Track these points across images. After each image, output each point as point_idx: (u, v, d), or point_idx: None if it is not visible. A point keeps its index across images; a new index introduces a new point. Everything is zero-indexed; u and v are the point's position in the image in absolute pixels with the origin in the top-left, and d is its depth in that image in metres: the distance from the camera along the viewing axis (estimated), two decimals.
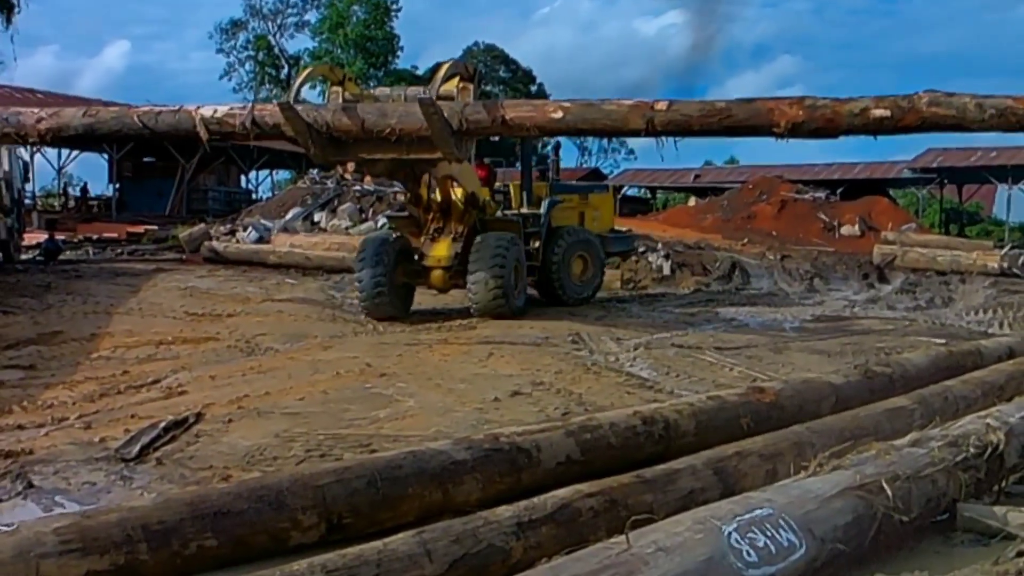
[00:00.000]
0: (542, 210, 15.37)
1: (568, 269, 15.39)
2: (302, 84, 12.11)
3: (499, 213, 14.87)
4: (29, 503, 5.40)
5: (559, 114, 10.23)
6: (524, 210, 15.37)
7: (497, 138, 14.00)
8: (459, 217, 14.01)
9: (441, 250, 13.96)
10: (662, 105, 9.60)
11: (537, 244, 15.06)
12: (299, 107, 11.25)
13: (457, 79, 11.34)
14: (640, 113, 9.59)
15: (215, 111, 11.81)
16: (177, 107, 12.06)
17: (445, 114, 10.59)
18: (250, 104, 12.98)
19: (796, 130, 9.60)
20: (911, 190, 49.92)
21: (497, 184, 16.09)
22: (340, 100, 11.50)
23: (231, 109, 11.97)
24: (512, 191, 16.04)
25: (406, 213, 14.87)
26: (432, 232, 14.17)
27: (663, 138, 10.12)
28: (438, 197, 13.78)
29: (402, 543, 3.76)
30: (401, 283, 14.03)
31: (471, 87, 11.35)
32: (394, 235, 14.49)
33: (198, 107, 11.89)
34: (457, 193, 13.75)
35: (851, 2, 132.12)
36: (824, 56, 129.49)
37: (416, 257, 14.18)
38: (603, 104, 10.02)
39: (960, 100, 8.99)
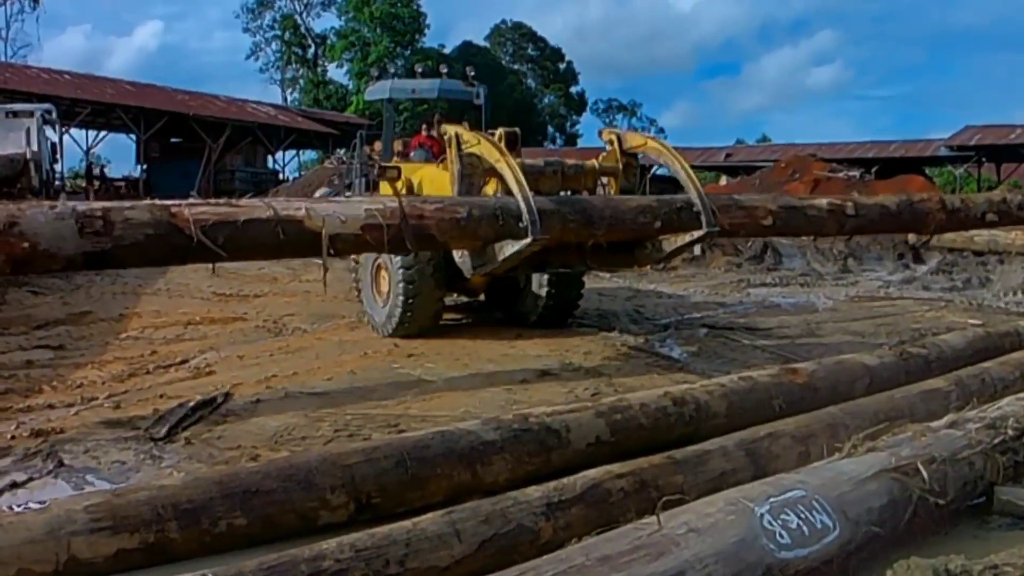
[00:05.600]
0: None
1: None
2: None
3: None
4: (60, 481, 5.44)
5: (769, 220, 9.75)
6: None
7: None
8: None
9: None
10: (851, 210, 10.10)
11: None
12: None
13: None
14: (835, 218, 9.99)
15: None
16: None
17: None
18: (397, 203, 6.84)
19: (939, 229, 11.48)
20: (948, 168, 49.16)
21: None
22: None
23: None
24: None
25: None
26: None
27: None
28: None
29: (431, 523, 3.75)
30: None
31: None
32: None
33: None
34: None
35: None
36: (860, 29, 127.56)
37: None
38: (805, 209, 9.98)
39: None
